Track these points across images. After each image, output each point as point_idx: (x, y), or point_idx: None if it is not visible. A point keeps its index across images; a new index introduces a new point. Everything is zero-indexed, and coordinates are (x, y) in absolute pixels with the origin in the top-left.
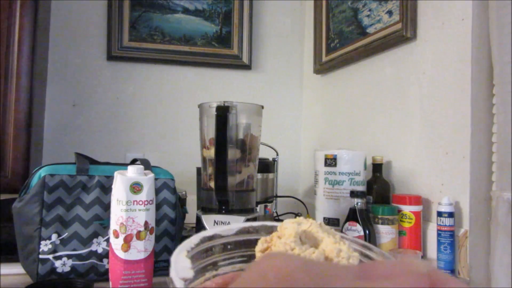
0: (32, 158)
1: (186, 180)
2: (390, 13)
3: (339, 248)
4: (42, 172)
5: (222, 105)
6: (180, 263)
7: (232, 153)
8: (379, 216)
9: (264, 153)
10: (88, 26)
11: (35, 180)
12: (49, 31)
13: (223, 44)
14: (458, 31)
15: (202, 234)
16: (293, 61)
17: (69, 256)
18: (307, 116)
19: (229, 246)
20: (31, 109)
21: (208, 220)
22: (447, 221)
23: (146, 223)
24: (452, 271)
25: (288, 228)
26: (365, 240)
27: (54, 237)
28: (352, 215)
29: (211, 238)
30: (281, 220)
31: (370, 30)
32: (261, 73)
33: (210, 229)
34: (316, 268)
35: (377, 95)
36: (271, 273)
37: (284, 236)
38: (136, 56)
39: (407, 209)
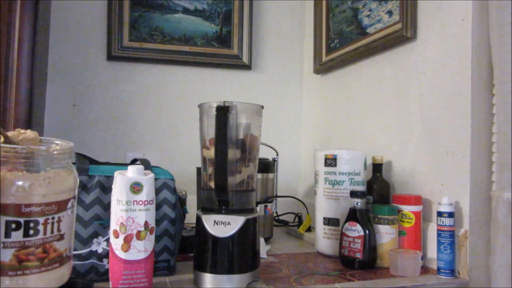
0: None
1: (186, 180)
2: (390, 13)
3: None
4: None
5: (222, 105)
6: None
7: (232, 153)
8: (379, 216)
9: (264, 153)
10: (88, 26)
11: None
12: (49, 31)
13: (223, 44)
14: (458, 31)
15: None
16: (293, 61)
17: None
18: (307, 116)
19: None
20: (31, 109)
21: (208, 220)
22: (447, 221)
23: (146, 223)
24: (452, 271)
25: None
26: (365, 240)
27: None
28: (352, 215)
29: None
30: (282, 221)
31: (370, 30)
32: (261, 73)
33: None
34: None
35: (377, 95)
36: None
37: None
38: (136, 56)
39: (407, 209)
